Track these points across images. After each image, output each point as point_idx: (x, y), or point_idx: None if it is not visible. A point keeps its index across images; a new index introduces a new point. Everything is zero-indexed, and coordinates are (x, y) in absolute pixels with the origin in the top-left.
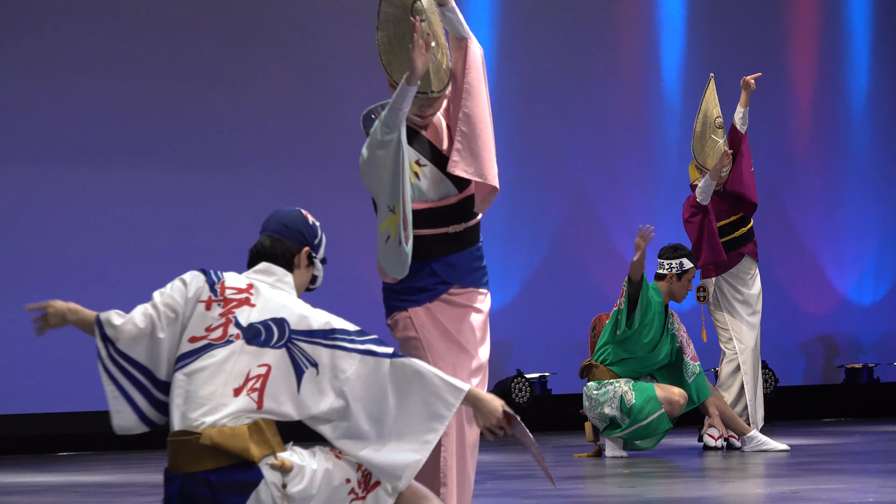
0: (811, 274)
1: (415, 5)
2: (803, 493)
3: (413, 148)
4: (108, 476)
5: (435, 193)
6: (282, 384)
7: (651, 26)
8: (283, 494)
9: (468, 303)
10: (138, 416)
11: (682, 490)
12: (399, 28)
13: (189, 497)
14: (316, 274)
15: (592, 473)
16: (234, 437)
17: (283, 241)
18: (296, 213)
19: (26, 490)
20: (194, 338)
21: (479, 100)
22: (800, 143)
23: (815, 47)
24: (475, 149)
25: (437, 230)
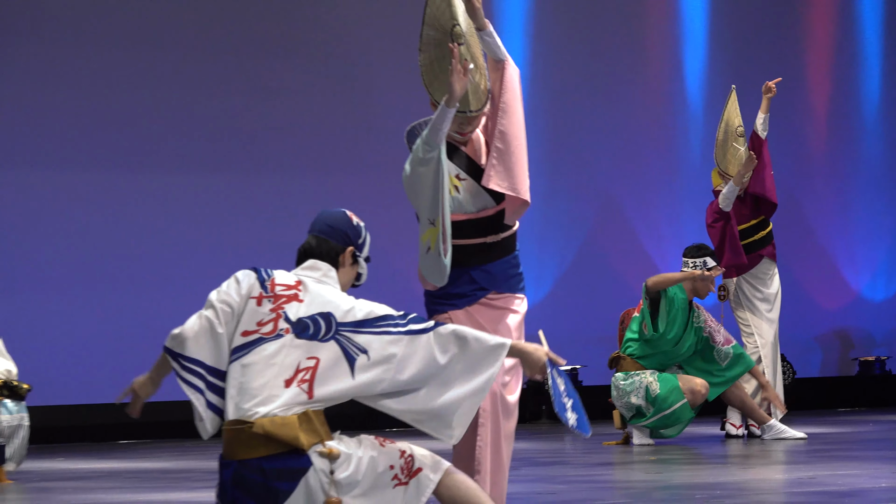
0: (827, 272)
1: (454, 30)
2: (820, 478)
3: (453, 162)
4: (166, 463)
5: (473, 206)
6: (332, 374)
7: (675, 41)
8: (330, 480)
9: (505, 306)
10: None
11: (705, 476)
12: (440, 51)
13: (242, 483)
14: (360, 272)
15: (620, 460)
16: (285, 426)
17: (328, 241)
18: (340, 215)
19: (89, 476)
20: (246, 332)
21: (514, 118)
22: (815, 149)
23: (829, 58)
24: (509, 164)
25: (475, 240)
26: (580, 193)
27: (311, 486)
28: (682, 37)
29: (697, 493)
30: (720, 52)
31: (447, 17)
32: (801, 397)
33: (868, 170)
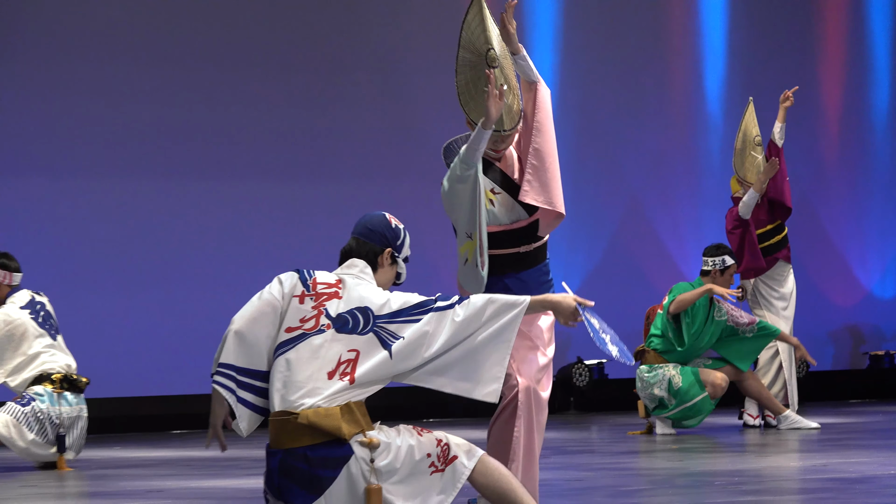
0: (839, 271)
1: (488, 53)
2: (832, 466)
3: (487, 177)
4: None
5: (507, 217)
6: (371, 363)
7: (695, 56)
8: (371, 468)
9: None
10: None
11: (724, 464)
12: (475, 73)
13: (288, 470)
14: (399, 271)
15: (644, 449)
16: (328, 416)
17: (367, 243)
18: (379, 217)
19: (144, 464)
20: (290, 328)
21: (547, 136)
22: (829, 155)
23: (841, 69)
24: (544, 180)
25: (509, 250)
26: (606, 197)
27: (353, 474)
28: (702, 52)
29: (717, 479)
30: (738, 66)
31: (482, 41)
32: (814, 390)
33: (878, 175)
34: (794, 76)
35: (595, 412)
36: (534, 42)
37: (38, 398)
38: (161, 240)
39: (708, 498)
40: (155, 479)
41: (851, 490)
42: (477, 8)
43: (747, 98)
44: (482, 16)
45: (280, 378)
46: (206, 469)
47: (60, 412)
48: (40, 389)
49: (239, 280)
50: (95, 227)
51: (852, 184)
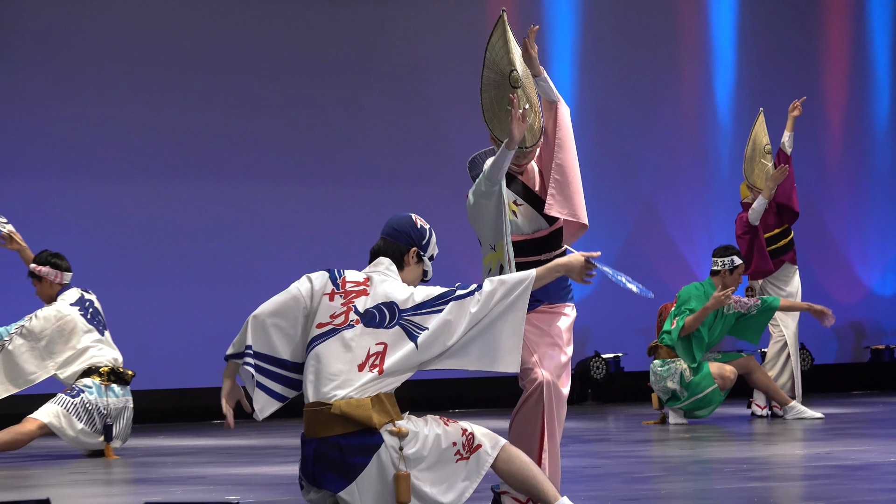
0: (842, 270)
1: (512, 74)
2: (836, 453)
3: (511, 190)
4: (254, 440)
5: (529, 227)
6: (399, 354)
7: (707, 66)
8: (400, 455)
9: (558, 311)
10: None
11: (733, 451)
12: (498, 92)
13: (322, 458)
14: (426, 269)
15: (658, 437)
16: (360, 407)
17: (394, 243)
18: (405, 219)
19: (186, 452)
20: (321, 324)
21: (569, 152)
22: (832, 160)
23: (844, 79)
24: (567, 193)
25: (531, 258)
26: (623, 200)
27: (383, 461)
28: (713, 63)
29: (727, 466)
30: (747, 76)
31: (505, 62)
32: (818, 382)
33: (879, 178)
34: (799, 86)
35: (611, 403)
36: (554, 54)
37: (87, 390)
38: (201, 241)
39: (718, 484)
40: (196, 467)
41: (853, 476)
42: (501, 30)
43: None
44: (506, 38)
45: (312, 371)
46: (245, 457)
47: (108, 403)
48: (89, 382)
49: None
50: (141, 230)
51: (854, 187)
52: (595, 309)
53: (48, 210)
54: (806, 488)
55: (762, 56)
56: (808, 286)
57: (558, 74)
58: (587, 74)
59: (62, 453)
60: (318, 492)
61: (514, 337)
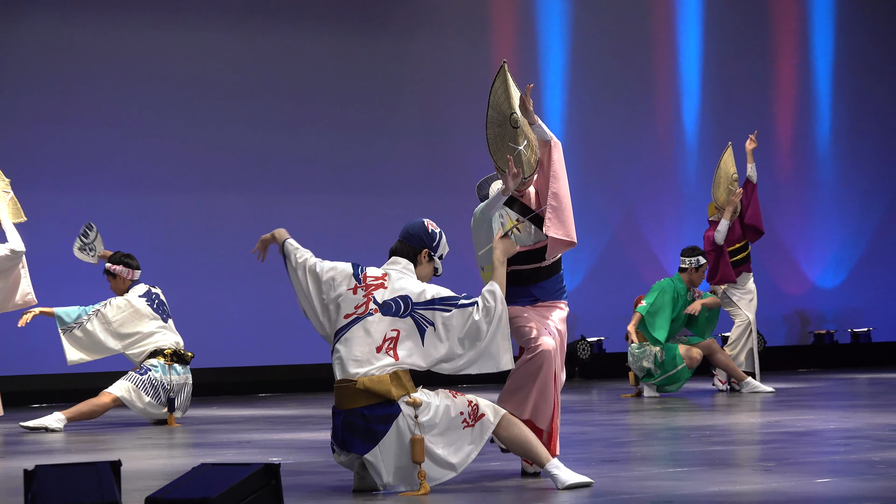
0: (791, 268)
1: (511, 116)
2: (784, 422)
3: (514, 210)
4: (293, 411)
5: (530, 240)
6: (409, 342)
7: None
8: (415, 423)
9: (553, 306)
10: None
11: (698, 420)
12: (501, 130)
13: (349, 426)
14: (436, 267)
15: (634, 408)
16: (380, 382)
17: (408, 244)
18: (419, 224)
19: (237, 421)
20: (347, 315)
21: (562, 182)
22: (783, 174)
23: (792, 105)
24: (562, 217)
25: (533, 265)
26: (607, 208)
27: (401, 428)
28: (681, 94)
29: (693, 433)
30: (710, 105)
31: (506, 106)
32: (770, 361)
33: (822, 190)
34: (753, 113)
35: (595, 379)
36: (548, 86)
37: (153, 368)
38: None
39: (685, 447)
40: (245, 433)
41: (800, 441)
42: (502, 78)
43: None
44: (506, 84)
45: (340, 353)
46: (285, 425)
47: (171, 380)
48: (155, 361)
49: None
50: (198, 234)
51: (801, 198)
52: (582, 300)
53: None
54: (760, 451)
55: (723, 87)
56: (761, 282)
57: (552, 102)
58: (577, 103)
59: (132, 422)
60: (347, 455)
61: (505, 342)
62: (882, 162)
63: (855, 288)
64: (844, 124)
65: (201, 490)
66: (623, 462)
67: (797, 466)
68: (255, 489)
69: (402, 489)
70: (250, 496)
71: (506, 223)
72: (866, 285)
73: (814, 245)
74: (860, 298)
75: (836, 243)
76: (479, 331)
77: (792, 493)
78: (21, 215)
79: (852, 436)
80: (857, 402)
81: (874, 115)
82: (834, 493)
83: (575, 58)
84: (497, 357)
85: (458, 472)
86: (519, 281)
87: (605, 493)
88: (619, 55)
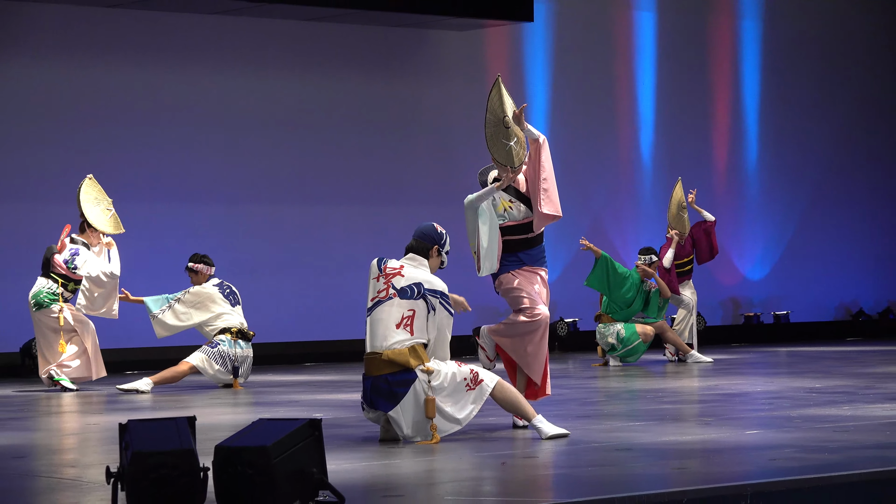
0: (726, 263)
1: (504, 119)
2: (721, 386)
3: (508, 192)
4: (331, 377)
5: (520, 216)
6: (421, 320)
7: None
8: (428, 386)
9: (535, 271)
10: None
11: (652, 384)
12: (496, 129)
13: (376, 389)
14: (443, 260)
15: (602, 375)
16: (401, 354)
17: (421, 242)
18: (429, 226)
19: (288, 384)
20: (373, 298)
21: (549, 171)
22: (718, 191)
23: (726, 134)
24: (552, 198)
25: (522, 236)
26: (578, 216)
27: (417, 390)
28: (639, 122)
29: (648, 394)
30: (662, 132)
31: (500, 110)
32: (709, 337)
33: (750, 202)
34: (696, 140)
35: (570, 352)
36: (532, 116)
37: (222, 343)
38: (301, 243)
39: (643, 406)
40: (294, 394)
41: (733, 401)
42: (497, 88)
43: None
44: (500, 93)
45: (369, 330)
46: (325, 388)
47: (236, 353)
48: (223, 337)
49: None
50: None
51: (734, 209)
52: (560, 288)
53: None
54: (701, 408)
55: (671, 119)
56: (701, 275)
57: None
58: (556, 131)
59: (204, 386)
60: (374, 412)
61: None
62: (799, 179)
63: (777, 279)
64: (768, 149)
65: (259, 440)
66: (593, 417)
67: (731, 421)
68: (302, 439)
69: (419, 439)
70: (298, 444)
71: (498, 203)
72: (786, 277)
73: (744, 246)
74: (781, 287)
75: (761, 244)
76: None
77: (727, 442)
78: (121, 227)
79: (775, 396)
80: (779, 371)
81: (792, 142)
82: (760, 441)
83: (554, 95)
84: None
85: (463, 425)
86: (509, 248)
87: (579, 442)
88: (590, 93)
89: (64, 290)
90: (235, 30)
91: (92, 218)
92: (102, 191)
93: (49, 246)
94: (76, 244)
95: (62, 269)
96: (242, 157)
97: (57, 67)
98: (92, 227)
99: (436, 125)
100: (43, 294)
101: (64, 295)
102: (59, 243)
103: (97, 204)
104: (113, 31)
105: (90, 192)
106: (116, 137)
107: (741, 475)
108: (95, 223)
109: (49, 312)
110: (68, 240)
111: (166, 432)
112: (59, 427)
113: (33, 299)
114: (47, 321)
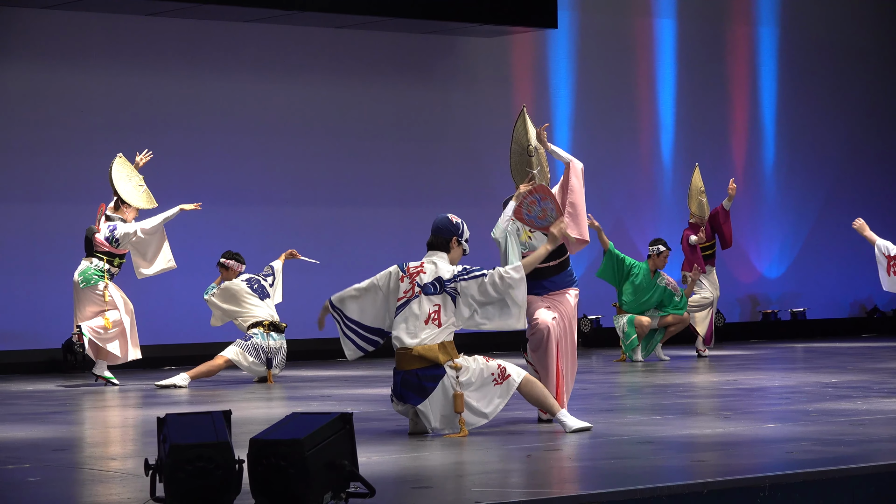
0: (744, 262)
1: (528, 148)
2: (740, 380)
3: None
4: (362, 372)
5: (541, 244)
6: (447, 312)
7: (655, 125)
8: (457, 381)
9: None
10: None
11: (673, 379)
12: (520, 159)
13: (406, 383)
14: (464, 248)
15: (624, 370)
16: (430, 350)
17: (441, 236)
18: (444, 218)
19: (320, 379)
20: (399, 298)
21: (578, 194)
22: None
23: (744, 135)
24: (578, 221)
25: (546, 264)
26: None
27: (446, 385)
28: (659, 125)
29: (669, 389)
30: (682, 133)
31: (525, 140)
32: (729, 334)
33: (767, 201)
34: (714, 143)
35: (594, 348)
36: (557, 121)
37: (255, 336)
38: (335, 244)
39: (665, 400)
40: (326, 388)
41: (752, 396)
42: (522, 119)
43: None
44: (525, 124)
45: (399, 327)
46: (356, 382)
47: (269, 345)
48: (256, 331)
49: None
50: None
51: (751, 208)
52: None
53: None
54: (720, 403)
55: (691, 122)
56: (722, 274)
57: (561, 135)
58: (579, 136)
59: (239, 379)
60: (404, 405)
61: (515, 306)
62: (814, 180)
63: (793, 277)
64: (785, 152)
65: (293, 433)
66: (616, 411)
67: (749, 415)
68: (334, 432)
69: (447, 432)
70: (330, 437)
71: (521, 233)
72: (802, 275)
73: (762, 244)
74: (798, 285)
75: (778, 243)
76: (487, 293)
77: (745, 435)
78: (153, 202)
79: (792, 391)
80: (796, 366)
81: (808, 145)
82: (778, 435)
83: (577, 99)
84: (507, 317)
85: (490, 419)
86: (534, 276)
87: (602, 436)
88: (611, 97)
89: (110, 265)
90: (270, 38)
91: (125, 194)
92: (134, 168)
93: (88, 227)
94: (112, 220)
95: (106, 246)
96: (279, 162)
97: (103, 76)
98: (126, 203)
99: (463, 129)
100: (91, 271)
101: (111, 271)
102: (96, 224)
103: (129, 180)
104: (153, 39)
105: (122, 170)
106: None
107: (759, 467)
108: (129, 199)
109: (94, 290)
110: (104, 218)
111: (203, 426)
112: (100, 421)
113: (81, 276)
114: (92, 297)
